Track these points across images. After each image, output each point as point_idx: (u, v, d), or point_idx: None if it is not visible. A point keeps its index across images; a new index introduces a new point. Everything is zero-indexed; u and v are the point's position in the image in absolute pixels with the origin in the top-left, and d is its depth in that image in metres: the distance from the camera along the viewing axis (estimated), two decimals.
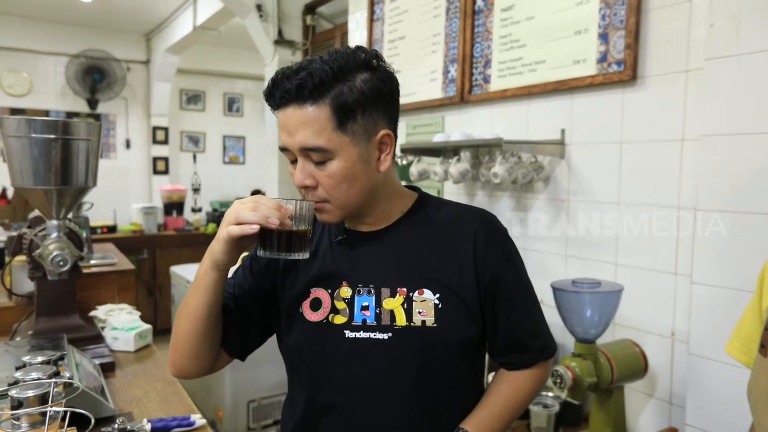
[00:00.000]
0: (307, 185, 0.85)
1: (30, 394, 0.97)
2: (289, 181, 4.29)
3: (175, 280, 3.50)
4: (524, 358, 0.96)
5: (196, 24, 4.83)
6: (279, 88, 0.83)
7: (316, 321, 0.91)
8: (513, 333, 0.94)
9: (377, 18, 2.81)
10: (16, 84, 5.64)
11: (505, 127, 2.13)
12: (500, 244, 0.95)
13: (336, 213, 0.88)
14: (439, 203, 0.99)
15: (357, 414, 0.90)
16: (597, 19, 1.77)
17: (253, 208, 0.80)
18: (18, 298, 1.85)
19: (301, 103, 0.82)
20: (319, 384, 0.92)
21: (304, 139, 0.82)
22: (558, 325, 1.75)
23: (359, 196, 0.87)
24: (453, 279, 0.90)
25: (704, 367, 1.41)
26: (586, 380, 1.51)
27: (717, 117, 1.37)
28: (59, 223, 1.57)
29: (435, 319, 0.88)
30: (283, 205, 0.81)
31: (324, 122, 0.82)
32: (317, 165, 0.84)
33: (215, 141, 6.88)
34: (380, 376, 0.88)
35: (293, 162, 0.87)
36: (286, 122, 0.83)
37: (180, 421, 1.19)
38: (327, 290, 0.92)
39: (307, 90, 0.81)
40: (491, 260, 0.91)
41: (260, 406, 2.94)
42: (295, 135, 0.83)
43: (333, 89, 0.82)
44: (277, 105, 0.85)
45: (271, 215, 0.79)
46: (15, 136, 1.45)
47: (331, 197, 0.86)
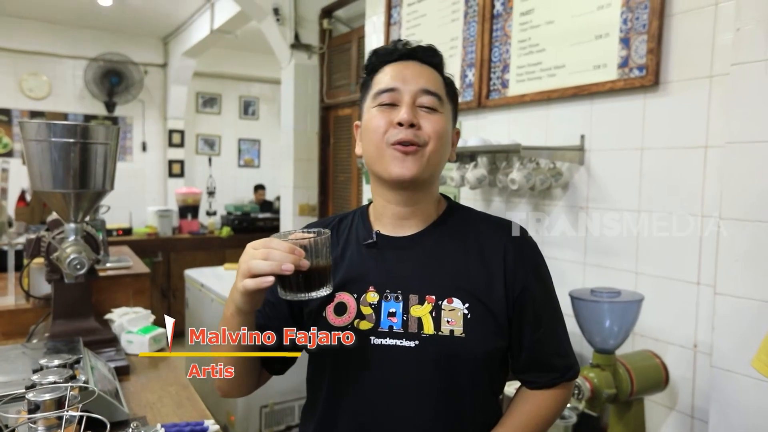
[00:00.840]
0: (413, 123, 0.88)
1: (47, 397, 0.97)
2: (303, 186, 4.30)
3: (190, 284, 3.51)
4: (546, 378, 0.94)
5: (213, 27, 4.87)
6: (404, 45, 0.93)
7: (340, 326, 0.90)
8: (537, 351, 0.92)
9: (394, 22, 2.80)
10: (36, 87, 5.73)
11: (523, 132, 2.11)
12: (530, 258, 0.94)
13: (424, 162, 0.89)
14: (468, 212, 0.99)
15: (378, 421, 0.88)
16: (618, 23, 1.74)
17: (265, 255, 0.77)
18: (35, 300, 1.86)
19: (425, 62, 0.93)
20: (341, 390, 0.91)
21: (429, 83, 0.90)
22: (576, 334, 1.72)
23: (441, 159, 0.92)
24: (482, 290, 0.89)
25: (728, 381, 1.37)
26: (605, 392, 1.48)
27: (742, 123, 1.34)
28: (77, 227, 1.58)
29: (463, 329, 0.87)
30: (296, 247, 0.78)
31: (439, 83, 0.93)
32: (426, 111, 0.89)
33: (231, 144, 6.93)
34: (404, 383, 0.87)
35: (387, 106, 0.90)
36: (405, 70, 0.91)
37: (193, 427, 1.19)
38: (353, 295, 0.91)
39: (435, 56, 0.94)
40: (520, 274, 0.91)
41: (273, 411, 2.93)
42: (419, 77, 0.90)
43: (443, 72, 0.96)
44: (398, 57, 0.93)
45: (284, 261, 0.76)
46: (35, 140, 1.46)
47: (430, 142, 0.89)
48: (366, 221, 0.97)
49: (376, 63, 0.94)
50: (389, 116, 0.88)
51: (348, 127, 4.06)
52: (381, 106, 0.90)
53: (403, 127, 0.87)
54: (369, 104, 0.93)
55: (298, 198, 4.29)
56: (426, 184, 0.92)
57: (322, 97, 4.26)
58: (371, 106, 0.92)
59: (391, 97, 0.89)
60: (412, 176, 0.88)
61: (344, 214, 1.03)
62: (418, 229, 0.94)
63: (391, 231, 0.94)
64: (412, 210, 0.93)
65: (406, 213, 0.93)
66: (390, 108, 0.89)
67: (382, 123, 0.89)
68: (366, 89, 0.95)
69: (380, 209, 0.95)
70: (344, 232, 0.98)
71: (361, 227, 0.97)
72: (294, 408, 2.97)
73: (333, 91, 4.19)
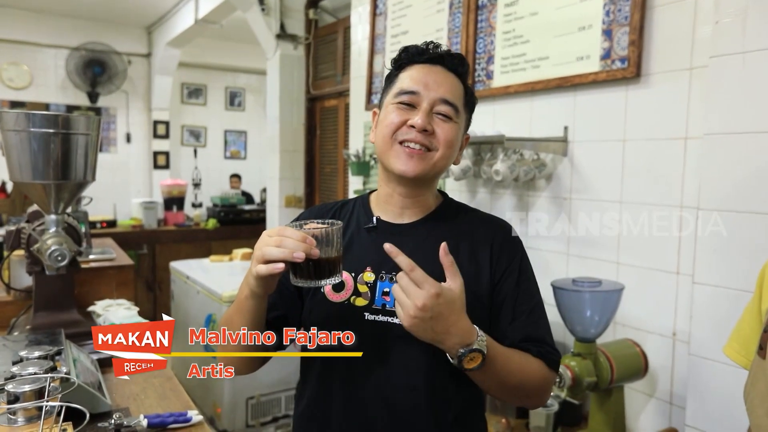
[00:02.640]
0: (427, 129, 0.93)
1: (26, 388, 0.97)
2: (289, 177, 4.28)
3: (175, 276, 3.49)
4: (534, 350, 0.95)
5: (198, 17, 4.81)
6: (436, 49, 0.98)
7: (338, 302, 0.95)
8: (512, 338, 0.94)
9: (380, 12, 2.79)
10: (17, 77, 5.63)
11: (508, 123, 2.12)
12: (512, 252, 0.99)
13: (429, 164, 0.94)
14: (462, 208, 1.06)
15: (370, 392, 0.93)
16: (601, 15, 1.76)
17: (278, 242, 0.80)
18: (16, 292, 1.84)
19: (451, 69, 0.97)
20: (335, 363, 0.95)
21: (449, 93, 0.95)
22: (558, 324, 1.74)
23: (447, 164, 0.97)
24: (471, 278, 0.93)
25: (705, 368, 1.40)
26: (586, 380, 1.51)
27: (720, 115, 1.36)
28: (58, 218, 1.56)
29: None
30: (308, 236, 0.81)
31: (460, 93, 0.98)
32: (442, 118, 0.94)
33: (216, 136, 6.87)
34: (394, 357, 0.92)
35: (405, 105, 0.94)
36: (430, 75, 0.95)
37: (177, 417, 1.19)
38: (351, 273, 0.96)
39: (462, 66, 0.99)
40: (502, 264, 0.96)
41: (259, 403, 2.93)
42: (441, 86, 0.94)
43: (466, 82, 1.00)
44: (426, 60, 0.97)
45: (296, 249, 0.79)
46: (14, 130, 1.44)
47: (440, 149, 0.94)
48: (367, 208, 1.04)
49: (405, 60, 0.99)
50: (405, 116, 0.94)
51: (334, 118, 4.05)
52: (400, 104, 0.95)
53: (414, 130, 0.93)
54: (390, 99, 0.98)
55: (285, 189, 4.28)
56: (429, 181, 0.99)
57: (308, 88, 4.24)
58: (391, 102, 0.97)
59: (411, 99, 0.94)
60: (414, 175, 0.94)
61: (346, 200, 1.09)
62: (416, 218, 1.00)
63: (390, 218, 1.00)
64: (414, 200, 0.99)
65: (407, 203, 0.99)
66: (408, 108, 0.94)
67: (396, 120, 0.94)
68: (390, 83, 1.00)
69: (384, 196, 1.01)
70: (346, 216, 1.04)
71: (362, 213, 1.03)
72: (281, 399, 2.98)
73: (319, 81, 4.17)
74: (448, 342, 0.81)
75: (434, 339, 0.81)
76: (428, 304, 0.77)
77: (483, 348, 0.82)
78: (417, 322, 0.78)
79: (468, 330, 0.81)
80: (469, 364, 0.82)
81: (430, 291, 0.77)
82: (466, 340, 0.81)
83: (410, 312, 0.78)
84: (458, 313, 0.81)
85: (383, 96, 1.02)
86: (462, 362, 0.81)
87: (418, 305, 0.77)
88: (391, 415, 0.93)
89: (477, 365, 0.82)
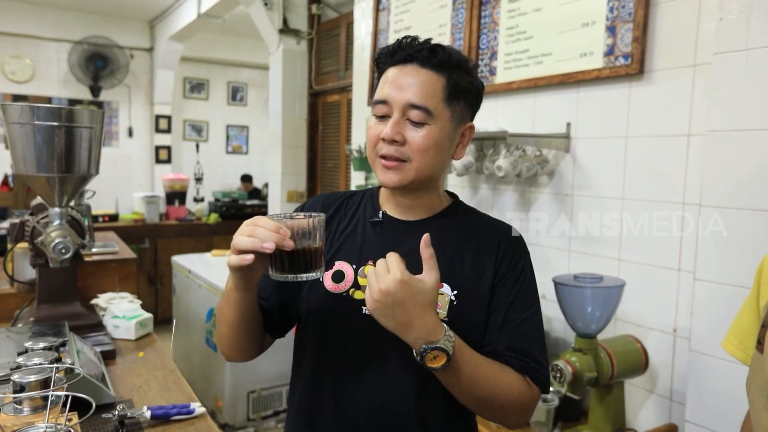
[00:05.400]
0: (396, 140, 0.89)
1: (32, 378, 0.97)
2: (291, 172, 4.28)
3: (177, 270, 3.50)
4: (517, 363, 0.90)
5: (201, 11, 4.80)
6: (408, 47, 0.91)
7: (336, 293, 0.93)
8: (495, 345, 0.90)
9: (383, 8, 2.79)
10: (19, 70, 5.63)
11: (511, 120, 2.12)
12: (516, 259, 0.95)
13: (409, 175, 0.90)
14: (471, 211, 1.03)
15: (363, 387, 0.92)
16: (605, 11, 1.75)
17: (250, 232, 0.77)
18: (20, 285, 1.85)
19: (424, 65, 0.90)
20: (329, 355, 0.94)
21: (414, 97, 0.88)
22: (559, 319, 1.75)
23: (433, 169, 0.92)
24: (472, 283, 0.92)
25: (705, 364, 1.40)
26: (586, 375, 1.51)
27: (724, 112, 1.36)
28: (61, 211, 1.57)
29: (447, 313, 0.90)
30: (282, 226, 0.77)
31: (437, 90, 0.89)
32: (413, 125, 0.89)
33: (218, 130, 6.87)
34: (388, 354, 0.90)
35: (381, 118, 0.91)
36: (401, 77, 0.90)
37: (180, 409, 1.20)
38: (352, 265, 0.94)
39: (436, 57, 0.90)
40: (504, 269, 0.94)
41: (260, 396, 2.95)
42: (406, 90, 0.89)
43: (453, 70, 0.91)
44: (398, 60, 0.91)
45: (267, 239, 0.76)
46: (18, 123, 1.44)
47: (414, 158, 0.89)
48: (375, 201, 1.02)
49: (382, 63, 0.95)
50: (380, 128, 0.90)
51: (336, 114, 4.05)
52: (376, 116, 0.92)
53: (385, 142, 0.89)
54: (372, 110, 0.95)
55: (287, 184, 4.28)
56: (422, 185, 0.94)
57: (310, 83, 4.23)
58: (371, 114, 0.94)
59: (382, 110, 0.91)
60: (395, 186, 0.91)
61: (355, 191, 1.07)
62: (422, 217, 0.98)
63: (397, 214, 0.98)
64: (415, 201, 0.97)
65: (409, 203, 0.97)
66: (383, 120, 0.91)
67: (373, 135, 0.91)
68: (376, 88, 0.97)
69: (388, 196, 1.00)
70: (353, 207, 1.02)
71: (369, 206, 1.01)
72: (281, 393, 2.99)
73: (322, 77, 4.16)
74: (411, 335, 0.78)
75: (396, 328, 0.78)
76: (391, 289, 0.74)
77: (448, 348, 0.78)
78: (379, 306, 0.76)
79: (433, 327, 0.78)
80: (431, 363, 0.78)
81: (396, 276, 0.75)
82: (430, 336, 0.77)
83: (374, 295, 0.76)
84: (424, 307, 0.77)
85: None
86: (424, 359, 0.78)
87: (382, 289, 0.75)
88: (382, 411, 0.91)
89: (440, 365, 0.78)
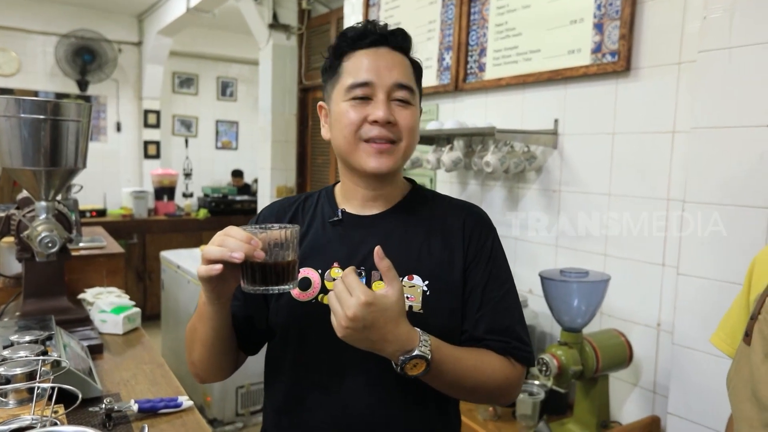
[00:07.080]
0: (390, 120, 0.88)
1: (17, 371, 0.97)
2: (281, 167, 4.27)
3: (165, 266, 3.48)
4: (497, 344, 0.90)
5: (190, 6, 4.76)
6: (376, 30, 0.91)
7: (304, 301, 0.91)
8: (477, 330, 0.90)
9: (373, 3, 2.79)
10: (5, 63, 5.56)
11: (500, 116, 2.13)
12: (483, 237, 0.95)
13: (398, 156, 0.91)
14: (432, 195, 1.01)
15: (341, 396, 0.89)
16: (593, 8, 1.77)
17: (220, 242, 0.76)
18: (6, 279, 1.84)
19: (396, 48, 0.91)
20: (304, 364, 0.92)
21: (401, 77, 0.89)
22: (545, 314, 1.77)
23: (410, 154, 0.93)
24: (443, 269, 0.91)
25: (687, 358, 1.43)
26: (572, 368, 1.53)
27: (707, 109, 1.38)
28: (48, 205, 1.56)
29: (422, 305, 0.89)
30: (253, 237, 0.75)
31: (410, 72, 0.92)
32: (400, 104, 0.89)
33: (208, 126, 6.83)
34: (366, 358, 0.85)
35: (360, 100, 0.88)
36: (379, 60, 0.89)
37: (167, 402, 1.20)
38: (317, 270, 0.92)
39: (407, 41, 0.93)
40: (473, 249, 0.93)
41: (249, 392, 2.95)
42: (391, 70, 0.89)
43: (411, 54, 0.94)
44: (369, 43, 0.90)
45: (236, 249, 0.74)
46: (4, 116, 1.43)
47: (403, 138, 0.90)
48: (332, 200, 0.99)
49: (346, 47, 0.91)
50: (363, 111, 0.88)
51: None
52: (354, 99, 0.88)
53: (378, 124, 0.87)
54: (340, 95, 0.90)
55: (276, 180, 4.27)
56: (396, 172, 0.96)
57: (300, 79, 4.22)
58: (344, 99, 0.89)
59: (364, 92, 0.88)
60: (387, 170, 0.90)
61: (310, 193, 1.04)
62: (383, 209, 0.96)
63: (356, 210, 0.96)
64: (381, 192, 0.95)
65: (373, 196, 0.95)
66: (363, 102, 0.88)
67: (355, 118, 0.88)
68: (334, 74, 0.92)
69: (348, 191, 0.97)
70: (310, 210, 0.99)
71: (326, 206, 0.98)
72: None
73: (311, 72, 4.15)
74: (387, 349, 0.76)
75: (372, 348, 0.76)
76: (359, 314, 0.72)
77: (426, 354, 0.77)
78: (350, 332, 0.74)
79: (407, 336, 0.76)
80: (412, 371, 0.77)
81: (360, 299, 0.72)
82: (406, 346, 0.76)
83: (342, 322, 0.74)
84: (395, 320, 0.75)
85: (328, 89, 0.94)
86: (404, 369, 0.77)
87: (349, 315, 0.72)
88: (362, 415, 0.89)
89: (421, 372, 0.77)
